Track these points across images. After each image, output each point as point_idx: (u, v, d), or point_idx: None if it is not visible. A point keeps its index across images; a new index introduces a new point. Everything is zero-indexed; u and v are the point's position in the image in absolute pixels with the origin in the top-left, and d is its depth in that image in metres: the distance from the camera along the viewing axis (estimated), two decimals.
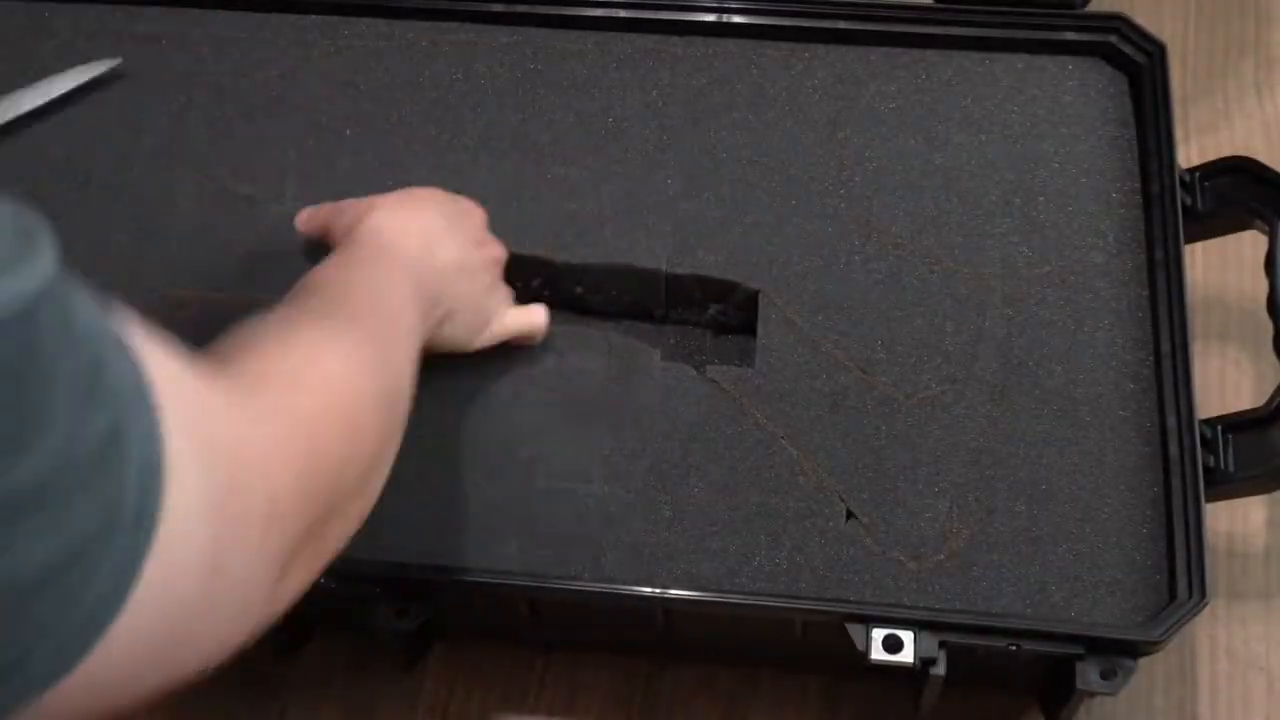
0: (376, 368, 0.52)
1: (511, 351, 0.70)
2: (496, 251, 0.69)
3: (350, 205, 0.66)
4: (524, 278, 0.75)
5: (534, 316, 0.70)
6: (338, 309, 0.54)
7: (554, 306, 0.75)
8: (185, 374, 0.38)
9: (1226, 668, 0.69)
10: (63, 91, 0.78)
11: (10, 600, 0.31)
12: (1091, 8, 0.78)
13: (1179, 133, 0.74)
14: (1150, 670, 0.69)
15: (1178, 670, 0.69)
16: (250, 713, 0.70)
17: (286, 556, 0.43)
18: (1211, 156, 0.74)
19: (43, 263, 0.30)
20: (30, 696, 0.33)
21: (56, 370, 0.31)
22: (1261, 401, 0.66)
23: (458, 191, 0.75)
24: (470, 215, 0.68)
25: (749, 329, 0.72)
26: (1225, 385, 0.78)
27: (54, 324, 0.31)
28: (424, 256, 0.62)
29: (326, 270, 0.58)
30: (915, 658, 0.59)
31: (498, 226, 0.74)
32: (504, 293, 0.69)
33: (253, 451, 0.41)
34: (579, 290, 0.74)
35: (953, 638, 0.59)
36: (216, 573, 0.38)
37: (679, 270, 0.73)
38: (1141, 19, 0.77)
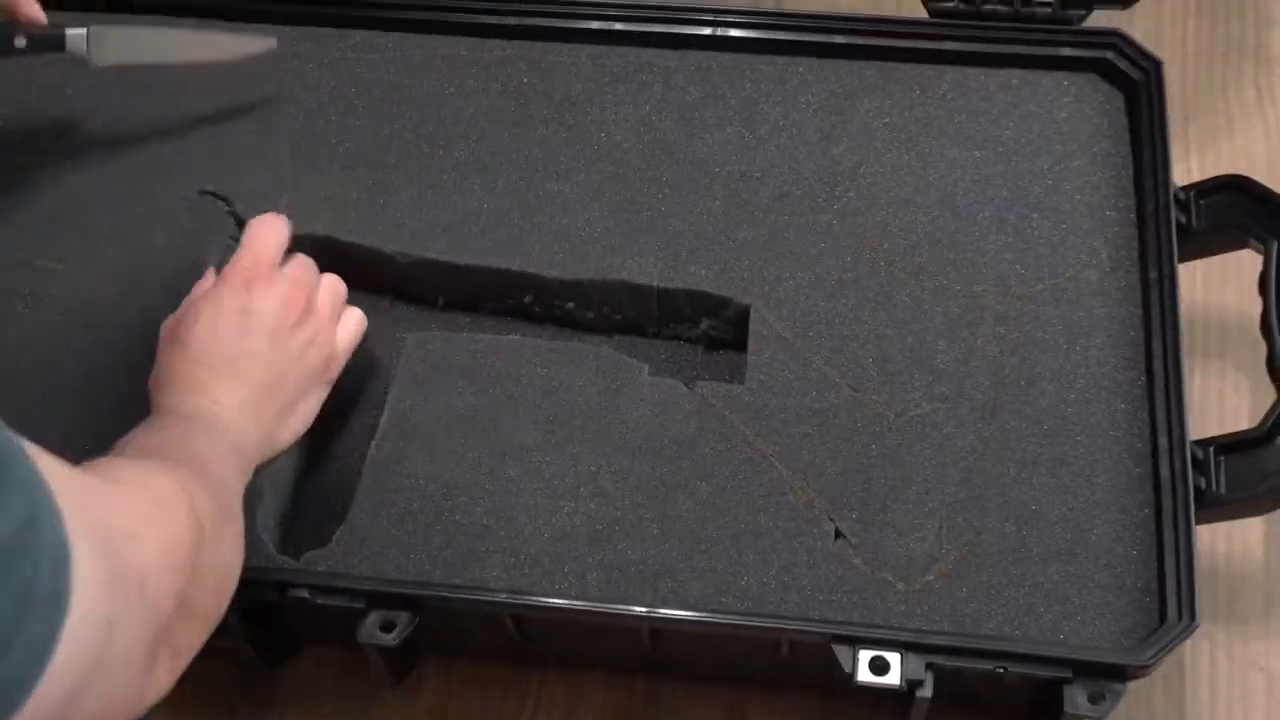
0: (209, 492, 0.53)
1: (499, 367, 0.70)
2: (298, 310, 0.65)
3: (160, 350, 0.64)
4: (515, 293, 0.75)
5: (353, 330, 0.69)
6: (160, 458, 0.54)
7: (545, 322, 0.76)
8: (63, 466, 0.41)
9: (1226, 668, 0.69)
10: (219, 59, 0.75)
11: None
12: (1089, 22, 0.78)
13: (1178, 140, 0.74)
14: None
15: (1177, 670, 0.69)
16: (251, 713, 0.70)
17: (154, 643, 0.45)
18: (1211, 163, 0.73)
19: None
20: None
21: None
22: (1258, 422, 0.65)
23: (451, 210, 0.74)
24: (258, 302, 0.64)
25: (740, 344, 0.72)
26: (1224, 405, 0.77)
27: None
28: (234, 417, 0.61)
29: (139, 438, 0.57)
30: (902, 680, 0.59)
31: (490, 242, 0.74)
32: (323, 338, 0.66)
33: (119, 527, 0.44)
34: (570, 306, 0.74)
35: (940, 660, 0.59)
36: (112, 629, 0.41)
37: (671, 285, 0.72)
38: (1141, 21, 0.76)
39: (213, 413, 0.61)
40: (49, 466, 0.39)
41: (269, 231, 0.68)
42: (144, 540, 0.45)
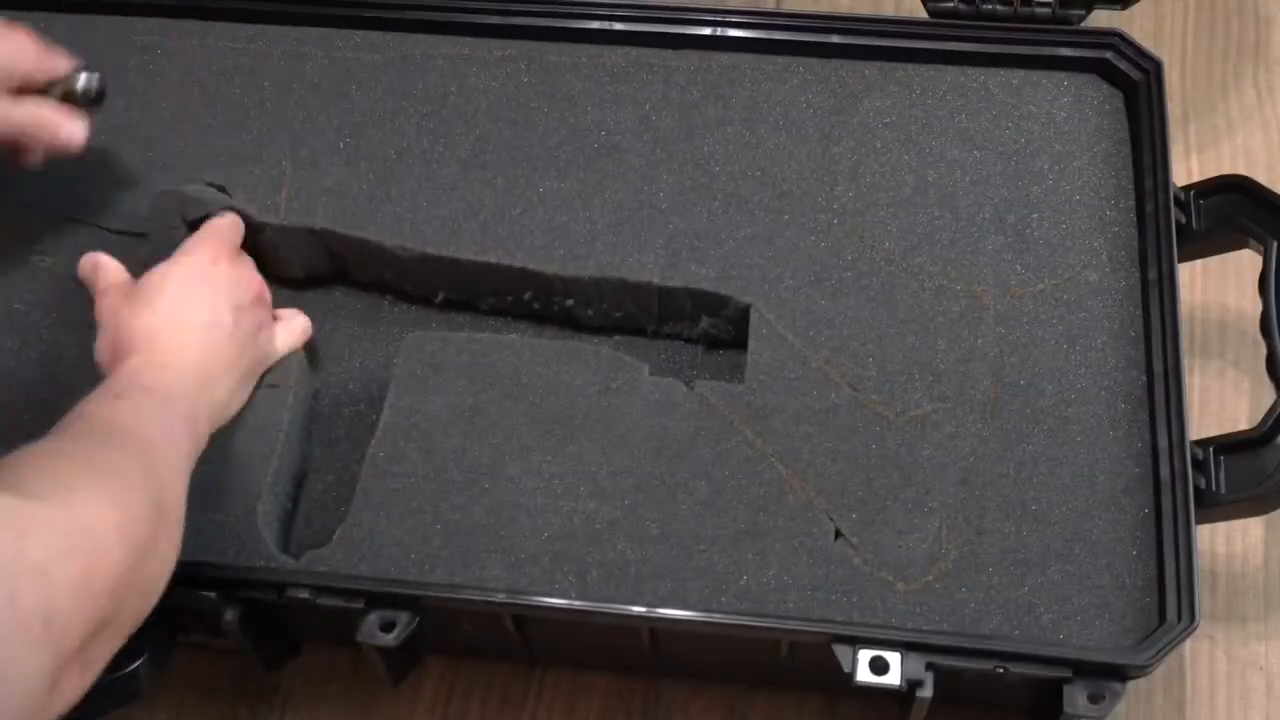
0: (149, 493, 0.52)
1: (499, 367, 0.70)
2: (255, 292, 0.69)
3: (116, 315, 0.65)
4: (515, 289, 0.75)
5: (297, 332, 0.71)
6: (107, 438, 0.54)
7: (545, 320, 0.76)
8: None
9: (1226, 667, 0.69)
10: None
11: None
12: (1089, 22, 0.78)
13: (1178, 140, 0.74)
14: None
15: (1177, 669, 0.69)
16: (250, 713, 0.70)
17: (60, 670, 0.44)
18: (1211, 163, 0.73)
19: None
20: None
21: None
22: (1258, 422, 0.65)
23: (451, 205, 0.75)
24: (224, 276, 0.67)
25: (740, 344, 0.72)
26: (1224, 405, 0.77)
27: None
28: (192, 385, 0.62)
29: (92, 405, 0.57)
30: (902, 680, 0.59)
31: (490, 236, 0.74)
32: (269, 329, 0.70)
33: (27, 563, 0.41)
34: (570, 303, 0.74)
35: (940, 659, 0.59)
36: None
37: (671, 284, 0.72)
38: (1141, 21, 0.76)
39: (170, 381, 0.61)
40: None
41: (230, 224, 0.72)
42: (54, 577, 0.43)
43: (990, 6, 0.78)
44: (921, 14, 0.80)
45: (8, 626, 0.40)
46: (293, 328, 0.72)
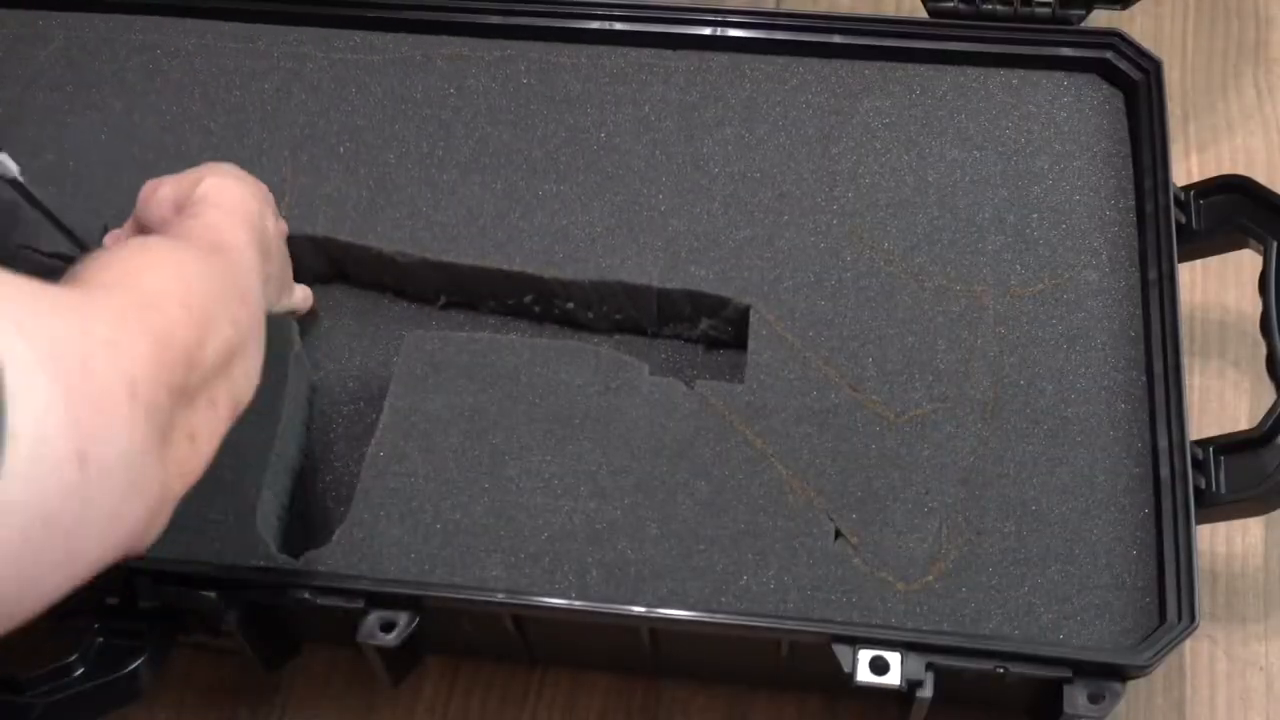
0: (218, 269, 0.54)
1: (499, 366, 0.70)
2: (285, 228, 0.71)
3: (169, 182, 0.65)
4: (515, 293, 0.75)
5: (308, 296, 0.74)
6: (178, 236, 0.57)
7: (545, 321, 0.76)
8: (28, 287, 0.40)
9: (1226, 667, 0.69)
10: None
11: None
12: (1089, 22, 0.78)
13: (1178, 140, 0.74)
14: None
15: (1177, 669, 0.69)
16: (250, 713, 0.70)
17: (161, 426, 0.44)
18: (1211, 163, 0.73)
19: None
20: None
21: None
22: (1258, 422, 0.65)
23: (451, 210, 0.75)
24: (267, 192, 0.68)
25: (740, 344, 0.72)
26: (1223, 405, 0.77)
27: None
28: (258, 218, 0.63)
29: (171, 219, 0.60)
30: (902, 680, 0.58)
31: (489, 241, 0.74)
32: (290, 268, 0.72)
33: (96, 338, 0.42)
34: (570, 306, 0.74)
35: (940, 660, 0.59)
36: (85, 460, 0.39)
37: (670, 285, 0.72)
38: (1141, 21, 0.76)
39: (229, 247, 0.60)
40: (9, 294, 0.39)
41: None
42: (127, 348, 0.43)
43: (990, 6, 0.78)
44: (921, 14, 0.80)
45: (95, 394, 0.41)
46: (307, 293, 0.74)
